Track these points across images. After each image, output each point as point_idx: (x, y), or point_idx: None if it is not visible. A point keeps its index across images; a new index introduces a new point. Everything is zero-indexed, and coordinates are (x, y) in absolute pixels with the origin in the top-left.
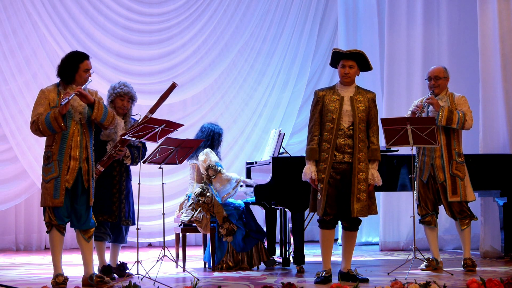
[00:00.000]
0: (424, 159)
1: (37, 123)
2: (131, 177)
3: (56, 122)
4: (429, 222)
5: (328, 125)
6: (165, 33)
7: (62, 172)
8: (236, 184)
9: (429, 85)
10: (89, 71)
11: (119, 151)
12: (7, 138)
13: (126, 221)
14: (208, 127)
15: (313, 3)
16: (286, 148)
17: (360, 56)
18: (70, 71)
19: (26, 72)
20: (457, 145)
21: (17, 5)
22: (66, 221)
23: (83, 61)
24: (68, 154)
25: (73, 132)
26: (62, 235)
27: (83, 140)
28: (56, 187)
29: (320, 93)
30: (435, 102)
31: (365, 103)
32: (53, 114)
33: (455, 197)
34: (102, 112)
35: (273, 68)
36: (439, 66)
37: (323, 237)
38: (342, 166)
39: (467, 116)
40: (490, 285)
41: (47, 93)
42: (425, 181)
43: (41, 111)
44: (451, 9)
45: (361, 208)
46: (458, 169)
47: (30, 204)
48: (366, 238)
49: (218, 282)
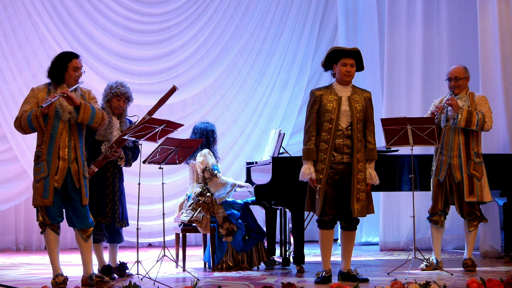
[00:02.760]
0: (442, 158)
1: (20, 120)
2: (123, 178)
3: (37, 120)
4: (436, 221)
5: (326, 125)
6: (165, 33)
7: (51, 172)
8: (231, 188)
9: (449, 86)
10: (79, 70)
11: (114, 152)
12: (7, 138)
13: (120, 222)
14: (200, 127)
15: (313, 3)
16: (286, 148)
17: (359, 55)
18: (59, 71)
19: (26, 72)
20: (476, 145)
21: (17, 5)
22: (59, 220)
23: (71, 60)
24: (56, 154)
25: (61, 132)
26: (57, 234)
27: (72, 141)
28: (45, 186)
29: (318, 93)
30: (454, 104)
31: (362, 103)
32: (35, 113)
33: (472, 197)
34: (89, 115)
35: (273, 68)
36: (459, 66)
37: (322, 237)
38: (340, 166)
39: (486, 118)
40: (490, 285)
41: (37, 92)
42: (442, 180)
43: (27, 108)
44: (451, 9)
45: (361, 208)
46: (476, 169)
47: (30, 204)
48: (366, 238)
49: (218, 282)
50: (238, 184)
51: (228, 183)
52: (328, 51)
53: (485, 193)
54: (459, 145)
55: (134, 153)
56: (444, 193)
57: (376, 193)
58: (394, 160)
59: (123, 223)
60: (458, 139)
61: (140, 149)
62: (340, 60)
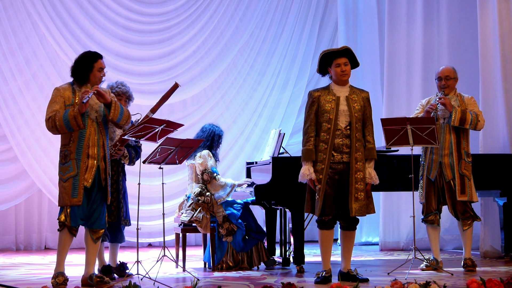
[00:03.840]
0: (432, 157)
1: (54, 120)
2: (126, 177)
3: (75, 121)
4: (432, 221)
5: (325, 125)
6: (165, 33)
7: (81, 171)
8: (230, 189)
9: (439, 85)
10: (103, 70)
11: (118, 151)
12: (7, 138)
13: (124, 220)
14: (210, 128)
15: (313, 3)
16: (286, 148)
17: (351, 53)
18: (84, 71)
19: (26, 72)
20: (466, 144)
21: (17, 5)
22: (80, 223)
23: (97, 60)
24: (86, 153)
25: (90, 131)
26: (72, 236)
27: (100, 139)
28: (74, 185)
29: (315, 94)
30: (447, 103)
31: (360, 102)
32: (72, 113)
33: (463, 197)
34: (119, 112)
35: (273, 68)
36: (449, 66)
37: (322, 238)
38: (339, 166)
39: (479, 117)
40: (490, 285)
41: (62, 91)
42: (433, 179)
43: (56, 108)
44: (451, 9)
45: (359, 208)
46: (466, 168)
47: (30, 204)
48: (366, 238)
49: (218, 282)
50: (238, 184)
51: (227, 184)
52: (319, 56)
53: (473, 192)
54: (451, 144)
55: (137, 151)
56: (437, 192)
57: (376, 193)
58: (394, 160)
59: (127, 222)
60: (450, 138)
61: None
62: (333, 62)
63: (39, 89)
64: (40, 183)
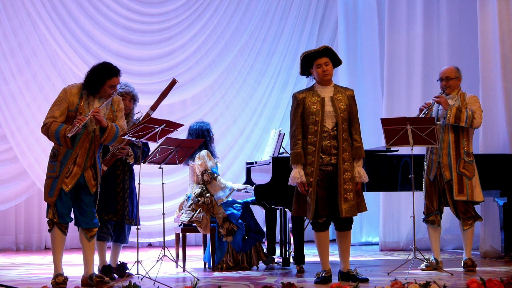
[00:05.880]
0: (432, 157)
1: (47, 129)
2: (134, 176)
3: (64, 140)
4: (432, 221)
5: (312, 127)
6: (165, 33)
7: (62, 175)
8: (230, 192)
9: (441, 86)
10: (115, 87)
11: (121, 150)
12: (7, 138)
13: (129, 220)
14: (195, 127)
15: (313, 3)
16: (286, 148)
17: (331, 52)
18: (96, 84)
19: (26, 72)
20: (467, 144)
21: (17, 5)
22: (68, 220)
23: (111, 78)
24: (73, 159)
25: (83, 139)
26: (63, 234)
27: (91, 150)
28: (52, 186)
29: (300, 96)
30: (443, 100)
31: (346, 101)
32: (64, 133)
33: (461, 196)
34: (112, 137)
35: (273, 68)
36: (451, 66)
37: (318, 240)
38: (329, 168)
39: (475, 114)
40: (490, 285)
41: (69, 96)
42: (432, 179)
43: (56, 114)
44: (451, 9)
45: (349, 208)
46: (465, 167)
47: (30, 204)
48: (366, 238)
49: (218, 282)
50: (237, 189)
51: (227, 187)
52: (300, 58)
53: (477, 192)
54: (449, 144)
55: (143, 151)
56: (437, 192)
57: (376, 193)
58: (394, 160)
59: (132, 221)
60: (448, 138)
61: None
62: (314, 63)
63: (39, 89)
64: (40, 183)
